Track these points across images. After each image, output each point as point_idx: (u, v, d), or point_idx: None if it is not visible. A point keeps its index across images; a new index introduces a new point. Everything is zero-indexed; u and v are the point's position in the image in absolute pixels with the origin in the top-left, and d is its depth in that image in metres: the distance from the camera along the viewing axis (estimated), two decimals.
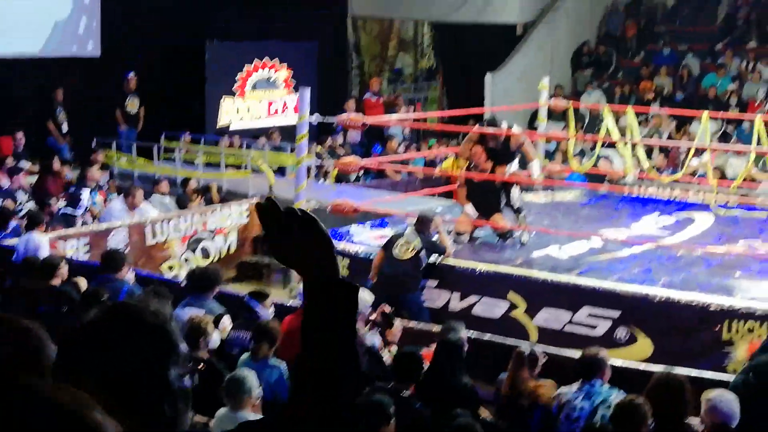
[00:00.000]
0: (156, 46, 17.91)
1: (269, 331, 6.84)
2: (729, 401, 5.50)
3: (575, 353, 7.69)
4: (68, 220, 12.46)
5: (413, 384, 6.28)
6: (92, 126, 17.11)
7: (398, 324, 8.00)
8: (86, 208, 13.01)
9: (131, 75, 17.64)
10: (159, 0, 17.76)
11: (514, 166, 11.19)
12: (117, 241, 11.44)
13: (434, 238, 10.15)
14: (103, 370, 1.75)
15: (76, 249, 11.00)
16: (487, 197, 11.05)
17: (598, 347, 6.78)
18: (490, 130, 11.09)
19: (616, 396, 6.24)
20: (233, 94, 19.30)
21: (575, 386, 6.48)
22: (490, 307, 9.72)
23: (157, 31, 17.75)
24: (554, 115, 16.59)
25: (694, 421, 5.79)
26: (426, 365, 6.63)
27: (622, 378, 6.69)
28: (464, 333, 7.30)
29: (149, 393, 1.77)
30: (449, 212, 12.25)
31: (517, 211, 11.20)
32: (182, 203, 13.57)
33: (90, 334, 1.81)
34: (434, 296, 9.98)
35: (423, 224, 10.09)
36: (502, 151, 10.99)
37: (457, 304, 9.84)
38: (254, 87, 19.69)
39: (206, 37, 18.87)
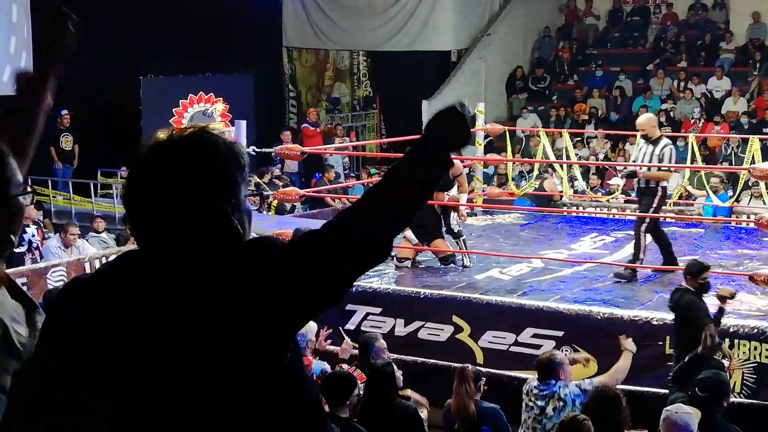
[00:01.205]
0: (90, 82, 17.75)
1: None
2: (684, 414, 5.55)
3: (520, 374, 7.76)
4: (12, 258, 12.29)
5: (346, 406, 6.20)
6: None
7: (347, 341, 7.94)
8: (29, 243, 12.83)
9: (65, 112, 17.46)
10: (92, 35, 17.62)
11: (453, 192, 11.24)
12: (56, 279, 11.27)
13: None
14: (195, 179, 2.01)
15: None
16: (427, 222, 11.07)
17: (554, 351, 6.90)
18: None
19: (563, 388, 6.57)
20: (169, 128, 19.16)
21: (536, 382, 6.77)
22: (436, 331, 9.70)
23: (90, 66, 17.60)
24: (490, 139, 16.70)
25: None
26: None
27: None
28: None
29: (225, 203, 2.02)
30: None
31: (457, 236, 11.22)
32: (122, 240, 13.41)
33: (173, 150, 2.09)
34: (379, 323, 9.94)
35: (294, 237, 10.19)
36: (441, 180, 11.03)
37: (402, 329, 9.81)
38: (191, 120, 19.59)
39: (141, 72, 18.75)
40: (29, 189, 2.29)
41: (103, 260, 12.04)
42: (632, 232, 12.73)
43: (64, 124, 17.50)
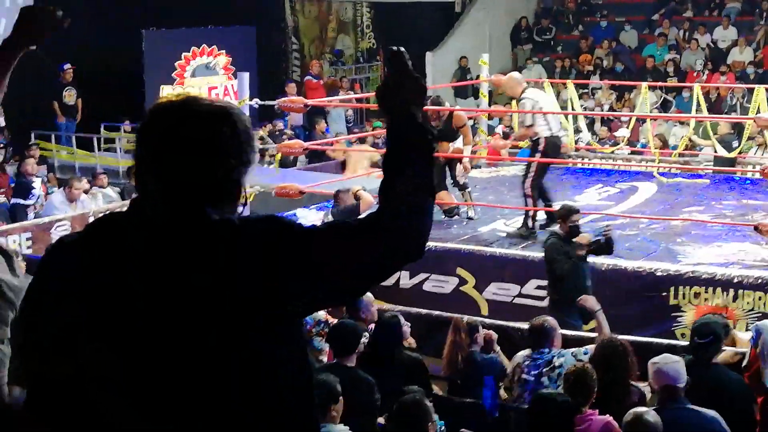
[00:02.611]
0: (92, 36, 17.64)
1: None
2: (674, 363, 5.57)
3: (523, 325, 7.77)
4: (18, 212, 12.32)
5: (353, 355, 6.23)
6: (30, 119, 16.84)
7: (369, 296, 7.75)
8: (38, 197, 12.88)
9: (67, 66, 17.39)
10: None
11: (457, 144, 11.18)
12: (60, 234, 11.28)
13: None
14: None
15: (18, 243, 10.83)
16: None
17: (545, 317, 6.85)
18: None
19: (557, 357, 6.41)
20: (172, 81, 19.09)
21: (527, 352, 6.63)
22: (440, 283, 9.72)
23: (92, 20, 17.48)
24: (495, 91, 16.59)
25: (642, 384, 5.87)
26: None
27: (572, 346, 6.76)
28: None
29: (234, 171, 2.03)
30: None
31: (462, 187, 11.20)
32: (126, 194, 13.42)
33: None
34: None
35: (336, 198, 10.18)
36: (445, 130, 10.97)
37: (407, 281, 9.82)
38: (193, 74, 19.47)
39: (142, 25, 18.63)
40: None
41: None
42: (635, 183, 12.78)
43: (66, 78, 17.43)
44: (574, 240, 8.49)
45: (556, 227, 8.90)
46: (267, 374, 1.95)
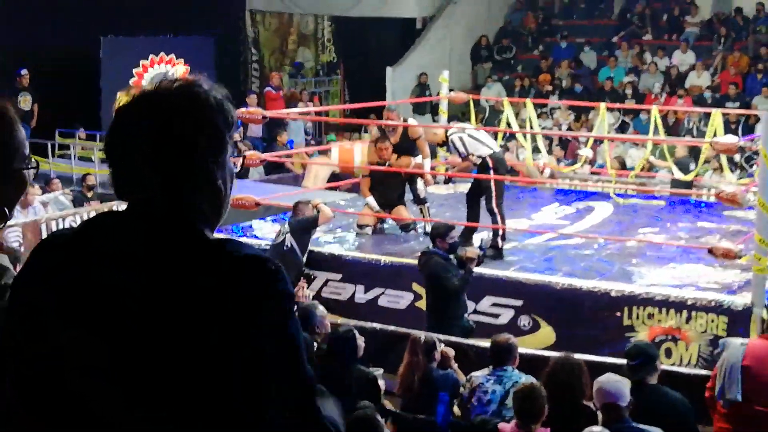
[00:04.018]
0: (49, 42, 17.48)
1: None
2: (616, 382, 5.64)
3: (479, 342, 7.74)
4: None
5: None
6: None
7: (323, 310, 7.69)
8: None
9: (24, 71, 17.19)
10: None
11: (417, 159, 11.17)
12: (11, 240, 11.10)
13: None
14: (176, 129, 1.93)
15: None
16: (391, 189, 11.03)
17: (507, 334, 6.83)
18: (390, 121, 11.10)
19: (526, 380, 6.32)
20: (129, 90, 18.94)
21: (486, 371, 6.56)
22: (396, 299, 9.68)
23: (50, 26, 17.34)
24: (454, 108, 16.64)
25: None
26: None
27: (526, 365, 6.74)
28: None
29: (212, 160, 1.96)
30: (352, 205, 12.18)
31: (421, 203, 11.18)
32: (79, 201, 13.26)
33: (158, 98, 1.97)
34: (339, 289, 9.91)
35: (295, 209, 10.08)
36: (403, 143, 11.00)
37: (362, 296, 9.78)
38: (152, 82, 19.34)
39: (101, 32, 18.48)
40: (34, 164, 2.25)
41: (60, 221, 11.89)
42: (591, 203, 12.82)
43: (22, 83, 17.22)
44: (461, 255, 8.62)
45: (430, 246, 8.92)
46: (267, 373, 1.91)
